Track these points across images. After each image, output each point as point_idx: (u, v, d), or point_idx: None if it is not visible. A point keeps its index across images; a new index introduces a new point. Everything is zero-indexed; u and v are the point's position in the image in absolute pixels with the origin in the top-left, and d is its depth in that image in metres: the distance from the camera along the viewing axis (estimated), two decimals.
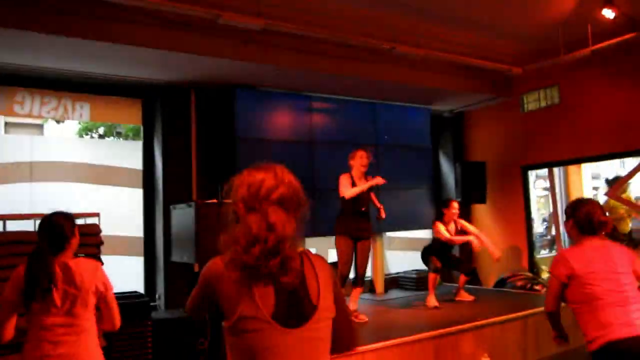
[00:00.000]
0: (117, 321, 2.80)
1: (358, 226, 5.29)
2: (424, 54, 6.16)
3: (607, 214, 3.02)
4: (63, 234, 2.68)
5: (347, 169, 5.45)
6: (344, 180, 5.31)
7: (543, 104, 7.54)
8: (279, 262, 1.49)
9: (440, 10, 5.81)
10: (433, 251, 6.19)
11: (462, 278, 6.31)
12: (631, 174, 7.04)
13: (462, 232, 6.23)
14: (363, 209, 5.33)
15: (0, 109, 5.53)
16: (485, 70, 7.00)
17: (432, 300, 5.98)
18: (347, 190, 5.22)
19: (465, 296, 6.28)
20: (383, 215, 5.43)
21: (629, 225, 7.39)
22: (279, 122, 6.67)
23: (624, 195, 7.19)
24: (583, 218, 2.82)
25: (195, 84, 6.12)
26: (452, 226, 6.20)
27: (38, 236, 2.70)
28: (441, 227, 6.06)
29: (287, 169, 1.67)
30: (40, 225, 2.74)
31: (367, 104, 7.40)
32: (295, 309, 1.52)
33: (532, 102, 7.67)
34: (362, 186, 5.25)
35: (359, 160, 5.34)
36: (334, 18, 5.58)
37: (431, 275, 6.09)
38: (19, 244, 4.13)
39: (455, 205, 6.22)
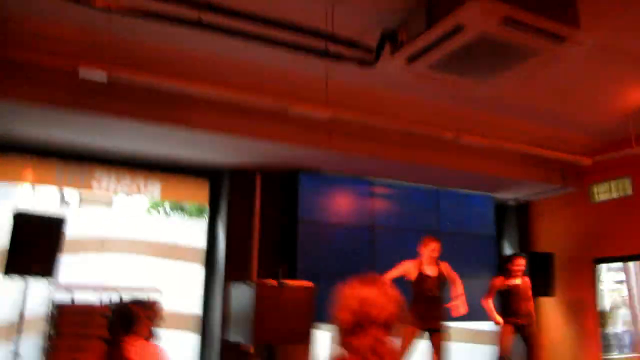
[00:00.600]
0: None
1: (424, 315, 5.14)
2: (489, 144, 6.14)
3: None
4: (133, 320, 2.89)
5: (408, 254, 5.39)
6: (402, 265, 5.27)
7: (615, 195, 7.26)
8: None
9: (506, 102, 5.83)
10: (506, 317, 5.94)
11: None
12: None
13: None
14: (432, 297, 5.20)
15: (80, 184, 5.89)
16: (552, 160, 6.87)
17: None
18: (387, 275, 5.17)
19: None
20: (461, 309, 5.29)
21: None
22: (340, 205, 6.73)
23: None
24: None
25: (261, 166, 6.32)
26: (517, 281, 6.06)
27: (112, 321, 2.88)
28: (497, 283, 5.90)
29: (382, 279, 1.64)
30: (113, 312, 2.94)
31: (429, 190, 7.37)
32: None
33: (603, 192, 7.41)
34: None
35: (429, 252, 5.34)
36: (399, 107, 5.71)
37: None
38: (85, 315, 4.24)
39: (520, 262, 6.14)
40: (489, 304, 6.01)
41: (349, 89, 5.35)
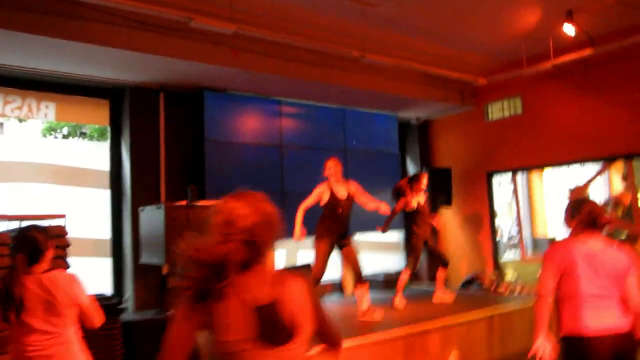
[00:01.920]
0: (96, 320, 2.87)
1: (335, 230, 5.35)
2: (393, 63, 6.29)
3: None
4: (38, 248, 2.73)
5: (316, 173, 5.52)
6: (315, 192, 5.39)
7: (507, 113, 7.77)
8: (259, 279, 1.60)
9: (409, 22, 5.93)
10: (415, 232, 6.25)
11: (440, 274, 6.36)
12: (590, 181, 7.33)
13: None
14: (343, 216, 5.38)
15: None
16: (451, 80, 7.19)
17: (399, 301, 6.06)
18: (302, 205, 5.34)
19: (445, 296, 6.31)
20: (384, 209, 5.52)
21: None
22: (248, 125, 6.69)
23: None
24: (586, 215, 2.93)
25: (164, 85, 6.09)
26: (420, 197, 6.33)
27: (13, 250, 2.74)
28: (409, 199, 6.23)
29: (264, 197, 1.70)
30: (14, 238, 2.78)
31: (336, 110, 7.49)
32: (277, 329, 1.58)
33: (496, 111, 7.91)
34: None
35: (328, 171, 5.41)
36: (305, 25, 5.66)
37: (403, 274, 6.14)
38: None
39: (424, 179, 6.38)
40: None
41: (254, 4, 5.21)
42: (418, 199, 6.30)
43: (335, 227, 5.33)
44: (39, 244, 2.73)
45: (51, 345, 2.66)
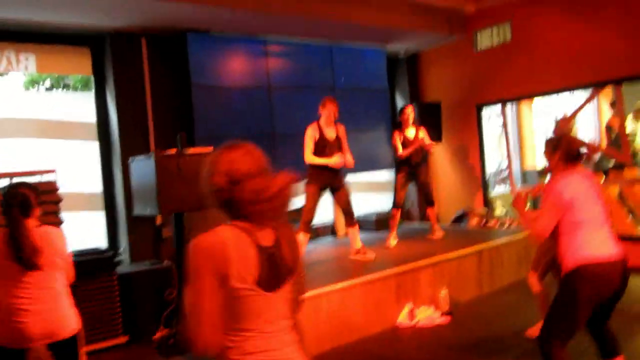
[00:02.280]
0: (71, 274, 2.96)
1: (325, 174, 5.37)
2: None
3: None
4: (28, 203, 2.78)
5: (305, 113, 5.47)
6: (308, 134, 5.34)
7: (496, 41, 7.62)
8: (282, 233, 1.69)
9: None
10: (398, 168, 6.36)
11: (431, 213, 6.46)
12: (578, 110, 7.30)
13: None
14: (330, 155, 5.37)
15: None
16: (439, 8, 7.02)
17: (392, 240, 6.19)
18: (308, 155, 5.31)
19: (438, 233, 6.46)
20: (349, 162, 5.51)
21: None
22: (234, 67, 6.56)
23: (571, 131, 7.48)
24: (568, 149, 2.99)
25: (146, 29, 5.90)
26: (410, 132, 6.35)
27: (3, 205, 2.76)
28: (396, 139, 6.27)
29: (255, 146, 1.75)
30: (5, 195, 2.80)
31: (323, 47, 7.34)
32: (275, 273, 1.64)
33: (485, 39, 7.75)
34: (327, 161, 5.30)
35: (329, 112, 5.37)
36: None
37: (392, 213, 6.24)
38: None
39: (407, 110, 6.38)
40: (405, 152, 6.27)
41: None
42: (407, 133, 6.30)
43: (325, 169, 5.35)
44: (29, 199, 2.79)
45: (44, 298, 2.74)
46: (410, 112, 6.37)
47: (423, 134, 6.41)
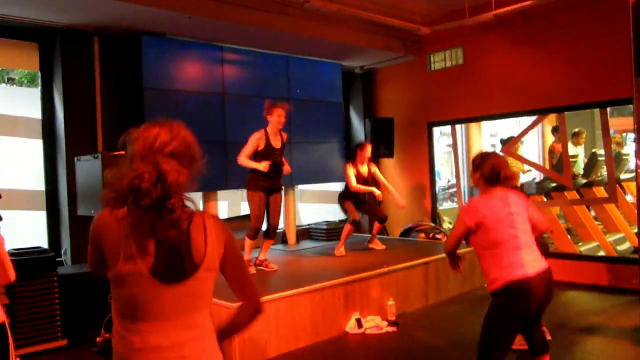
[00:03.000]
0: (11, 273, 2.63)
1: (269, 181, 5.35)
2: (337, 9, 6.19)
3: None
4: None
5: (259, 123, 5.44)
6: (253, 140, 5.29)
7: (449, 64, 7.86)
8: (164, 213, 1.47)
9: None
10: (348, 196, 6.38)
11: (377, 226, 6.59)
12: (524, 133, 7.59)
13: (372, 179, 6.46)
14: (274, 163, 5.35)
15: None
16: (395, 28, 7.18)
17: (341, 250, 6.22)
18: (243, 158, 5.26)
19: (378, 244, 6.58)
20: (287, 170, 5.53)
21: (519, 181, 7.99)
22: (189, 72, 6.48)
23: (517, 153, 7.76)
24: (489, 171, 2.99)
25: (99, 28, 5.78)
26: (364, 168, 6.40)
27: None
28: (350, 172, 6.28)
29: (184, 126, 1.65)
30: None
31: (280, 58, 7.37)
32: (175, 264, 1.52)
33: (439, 62, 7.98)
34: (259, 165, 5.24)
35: (277, 118, 5.33)
36: None
37: (347, 227, 6.27)
38: None
39: (369, 148, 6.44)
40: (361, 188, 6.28)
41: None
42: (361, 169, 6.36)
43: (268, 177, 5.31)
44: None
45: None
46: (369, 149, 6.44)
47: (375, 169, 6.51)
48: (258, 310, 1.74)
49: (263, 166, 5.18)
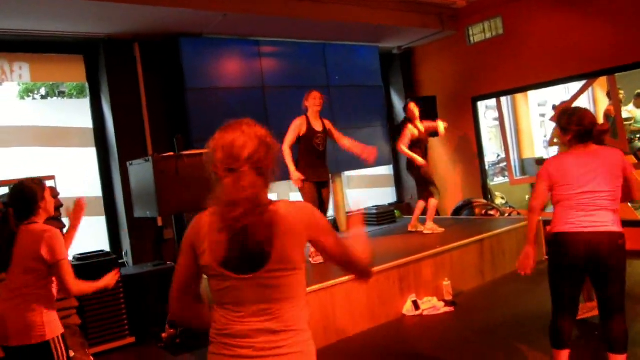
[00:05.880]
0: (70, 287, 2.63)
1: (317, 171, 5.31)
2: None
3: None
4: (31, 199, 2.67)
5: (300, 112, 5.45)
6: (294, 126, 5.25)
7: (488, 35, 7.66)
8: (250, 220, 1.54)
9: None
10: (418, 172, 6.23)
11: (433, 204, 6.29)
12: (574, 98, 7.33)
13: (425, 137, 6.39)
14: (320, 151, 5.34)
15: None
16: (430, 4, 7.05)
17: (432, 225, 6.19)
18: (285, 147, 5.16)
19: (436, 227, 6.33)
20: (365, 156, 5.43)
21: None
22: (228, 69, 6.57)
23: None
24: (587, 126, 2.85)
25: (138, 35, 5.93)
26: (420, 126, 6.30)
27: (6, 202, 2.73)
28: (406, 135, 6.17)
29: (253, 122, 1.69)
30: (10, 191, 2.75)
31: (316, 46, 7.36)
32: (244, 257, 1.57)
33: (478, 34, 7.79)
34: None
35: (313, 101, 5.32)
36: None
37: (432, 201, 6.20)
38: None
39: (411, 106, 6.32)
40: (407, 150, 6.20)
41: None
42: (413, 130, 6.25)
43: (316, 163, 5.27)
44: (33, 194, 2.68)
45: (12, 298, 2.59)
46: (414, 108, 6.33)
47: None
48: (367, 281, 1.95)
49: (293, 175, 5.11)
